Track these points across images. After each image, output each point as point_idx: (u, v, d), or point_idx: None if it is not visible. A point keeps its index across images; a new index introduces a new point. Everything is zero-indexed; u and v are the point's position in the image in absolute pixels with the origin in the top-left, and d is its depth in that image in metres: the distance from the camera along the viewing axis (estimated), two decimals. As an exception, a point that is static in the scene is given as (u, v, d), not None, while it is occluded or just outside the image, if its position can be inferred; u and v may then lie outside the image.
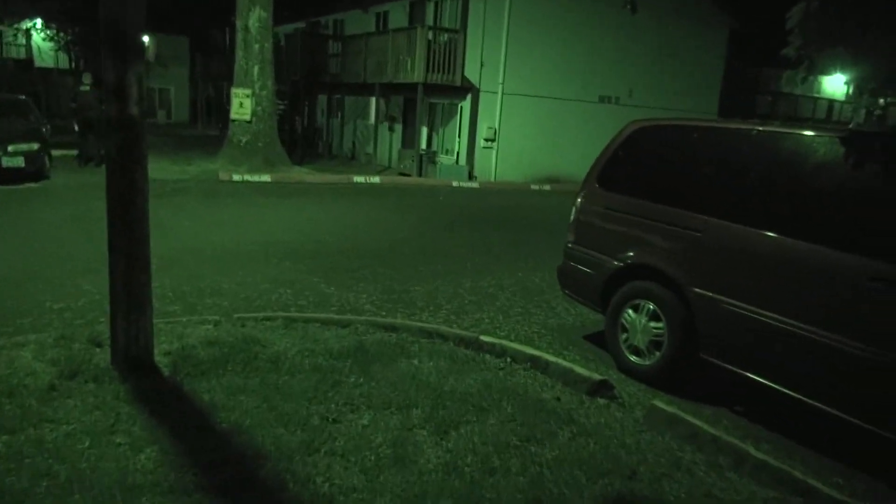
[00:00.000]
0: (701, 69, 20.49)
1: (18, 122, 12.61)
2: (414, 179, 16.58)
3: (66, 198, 10.84)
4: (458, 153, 18.03)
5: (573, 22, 18.19)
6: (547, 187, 17.28)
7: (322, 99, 24.49)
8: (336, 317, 5.49)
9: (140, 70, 3.78)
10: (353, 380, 4.09)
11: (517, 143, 18.11)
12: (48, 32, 35.50)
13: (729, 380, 4.37)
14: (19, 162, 11.40)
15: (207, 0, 33.02)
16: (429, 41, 16.61)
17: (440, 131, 19.09)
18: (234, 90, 14.78)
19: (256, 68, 14.66)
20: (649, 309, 4.66)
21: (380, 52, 18.12)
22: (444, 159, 18.12)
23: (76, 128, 14.99)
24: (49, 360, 4.11)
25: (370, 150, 20.85)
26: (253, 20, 14.38)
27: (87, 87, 14.49)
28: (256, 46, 14.55)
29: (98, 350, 4.40)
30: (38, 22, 34.65)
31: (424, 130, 19.05)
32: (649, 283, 4.69)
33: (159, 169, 14.26)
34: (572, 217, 5.39)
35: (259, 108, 14.81)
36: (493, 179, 17.78)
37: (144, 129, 3.91)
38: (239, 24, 14.59)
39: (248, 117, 14.69)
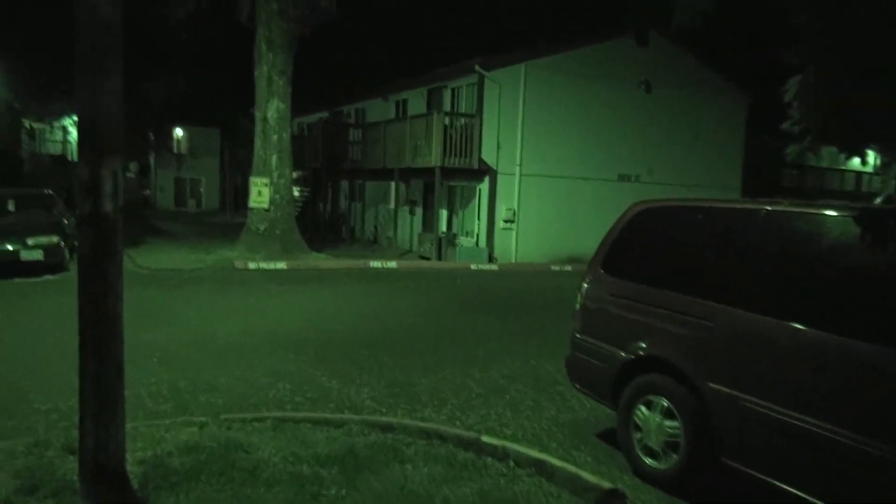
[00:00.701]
0: (721, 144, 20.40)
1: (41, 215, 12.87)
2: (432, 263, 16.45)
3: (75, 291, 10.83)
4: (477, 235, 17.95)
5: (588, 102, 18.40)
6: (567, 268, 16.99)
7: (345, 185, 24.91)
8: (330, 416, 5.17)
9: (115, 166, 3.69)
10: (334, 492, 3.74)
11: (537, 223, 18.00)
12: (87, 129, 37.14)
13: (757, 487, 3.91)
14: (38, 255, 11.53)
15: (237, 93, 34.46)
16: (445, 126, 16.85)
17: (459, 214, 19.11)
18: (252, 179, 15.03)
19: (275, 157, 14.93)
20: (663, 406, 4.27)
21: (399, 137, 18.43)
22: (463, 241, 18.03)
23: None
24: (13, 471, 3.85)
25: (391, 233, 20.91)
26: (271, 111, 14.76)
27: (132, 175, 16.07)
28: (275, 137, 14.88)
29: (71, 458, 4.13)
30: (76, 119, 36.38)
31: (444, 213, 19.09)
32: (661, 378, 4.32)
33: (177, 258, 14.42)
34: (578, 305, 5.09)
35: (277, 196, 14.99)
36: (513, 261, 17.58)
37: (119, 226, 3.78)
38: (258, 115, 14.98)
39: (265, 205, 14.86)
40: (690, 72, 19.49)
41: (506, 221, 17.63)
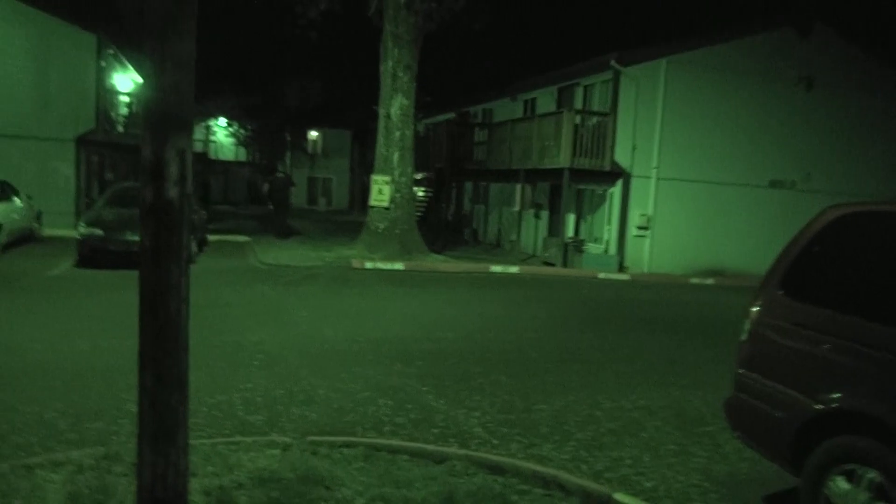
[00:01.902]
0: (894, 148, 17.78)
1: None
2: (556, 270, 15.41)
3: (199, 284, 10.87)
4: (607, 242, 16.69)
5: (737, 100, 16.60)
6: (709, 281, 15.36)
7: (468, 186, 24.36)
8: (431, 447, 4.40)
9: (183, 145, 3.11)
10: (423, 560, 2.96)
11: (674, 231, 16.46)
12: (230, 129, 39.46)
13: None
14: (166, 247, 11.71)
15: (367, 95, 35.10)
16: (576, 125, 15.78)
17: (588, 218, 17.92)
18: (373, 177, 14.73)
19: (396, 155, 14.55)
20: (872, 481, 3.12)
21: (525, 137, 17.55)
22: (591, 248, 16.84)
23: (271, 207, 19.12)
24: (69, 494, 3.39)
25: (514, 237, 20.07)
26: (395, 108, 14.39)
27: (281, 175, 18.13)
28: (397, 133, 14.49)
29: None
30: (222, 120, 38.66)
31: (571, 217, 17.97)
32: (869, 441, 3.17)
33: (297, 255, 14.38)
34: (745, 335, 3.98)
35: (398, 195, 14.60)
36: (645, 270, 16.16)
37: (185, 218, 3.20)
38: (381, 112, 14.67)
39: (386, 204, 14.51)
40: (860, 67, 17.11)
41: (639, 228, 16.25)
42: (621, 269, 15.95)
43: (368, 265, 13.34)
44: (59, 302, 9.01)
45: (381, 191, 14.49)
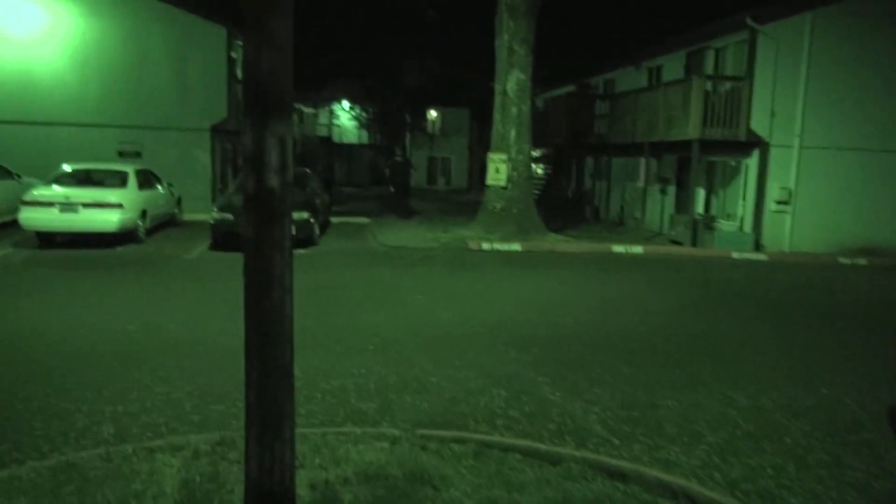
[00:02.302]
0: None
1: (294, 192, 13.62)
2: (685, 249, 14.47)
3: (319, 265, 11.16)
4: (741, 218, 15.47)
5: (895, 56, 14.72)
6: (861, 261, 13.84)
7: (589, 161, 23.51)
8: (545, 447, 4.12)
9: (283, 131, 3.01)
10: (534, 580, 2.71)
11: (819, 205, 14.95)
12: (353, 113, 40.59)
13: None
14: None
15: (486, 71, 34.77)
16: (706, 92, 14.64)
17: (720, 193, 16.69)
18: (489, 155, 14.44)
19: (513, 132, 14.16)
20: None
21: (650, 108, 16.56)
22: (723, 225, 15.68)
23: (391, 189, 20.13)
24: (183, 480, 3.44)
25: (639, 214, 19.12)
26: (511, 83, 13.98)
27: (400, 158, 19.99)
28: (514, 110, 14.09)
29: (248, 468, 3.65)
30: (345, 104, 39.80)
31: (701, 192, 16.82)
32: None
33: (414, 237, 14.44)
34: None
35: (514, 174, 14.23)
36: (786, 249, 14.83)
37: (286, 207, 3.10)
38: (497, 87, 14.31)
39: (503, 183, 14.19)
40: None
41: (778, 203, 14.90)
42: (758, 248, 14.73)
43: (485, 246, 13.13)
44: (193, 284, 9.52)
45: (497, 169, 14.20)
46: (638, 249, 13.70)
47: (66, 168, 13.24)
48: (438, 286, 9.69)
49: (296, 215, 12.15)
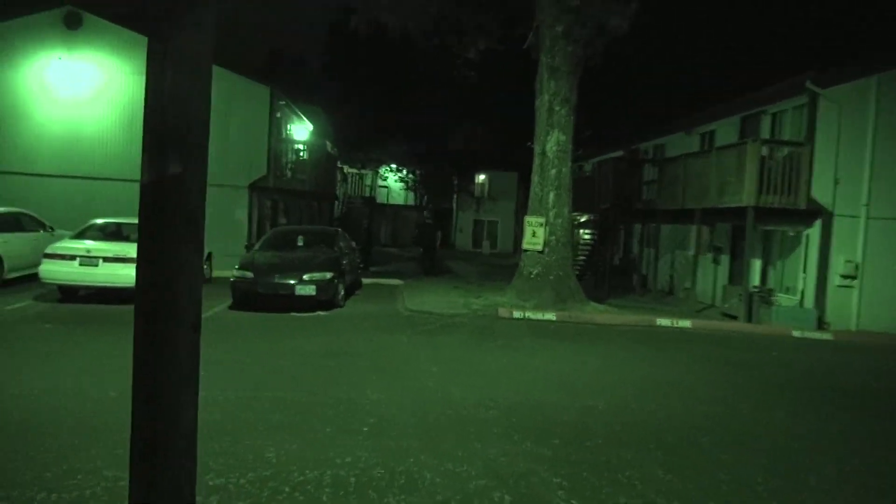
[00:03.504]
0: None
1: (321, 251, 13.14)
2: (738, 325, 13.25)
3: (333, 330, 10.46)
4: (801, 293, 14.18)
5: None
6: (941, 344, 12.37)
7: (637, 228, 22.52)
8: (541, 587, 3.18)
9: (189, 169, 2.32)
10: None
11: (889, 281, 13.60)
12: (399, 175, 40.80)
13: None
14: (311, 290, 11.56)
15: (531, 133, 34.49)
16: (762, 157, 13.68)
17: (777, 265, 15.46)
18: (526, 218, 13.70)
19: (552, 195, 13.43)
20: None
21: (702, 173, 15.64)
22: (782, 300, 14.41)
23: (421, 250, 20.56)
24: None
25: (689, 284, 17.94)
26: (550, 143, 13.34)
27: (429, 221, 21.25)
28: (553, 171, 13.40)
29: None
30: (392, 166, 40.08)
31: (757, 263, 15.63)
32: None
33: (444, 301, 13.66)
34: None
35: (552, 238, 13.41)
36: (852, 328, 13.44)
37: (195, 264, 2.38)
38: (536, 148, 13.69)
39: (539, 247, 13.37)
40: None
41: (844, 277, 13.61)
42: (821, 325, 13.39)
43: (517, 314, 12.23)
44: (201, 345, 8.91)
45: (534, 233, 13.42)
46: (686, 323, 12.55)
47: (94, 222, 13.10)
48: (458, 358, 8.82)
49: (318, 275, 11.64)
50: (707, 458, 5.42)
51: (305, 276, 11.62)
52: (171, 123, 2.30)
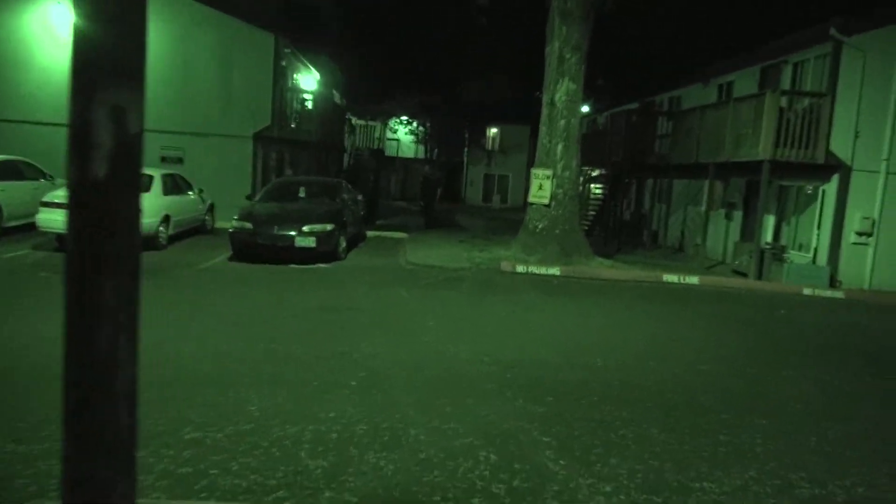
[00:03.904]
0: None
1: (323, 202, 12.89)
2: (748, 282, 12.95)
3: (334, 283, 10.29)
4: (815, 250, 13.81)
5: None
6: (958, 304, 12.03)
7: (649, 183, 22.05)
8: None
9: (124, 102, 2.05)
10: None
11: (908, 239, 13.20)
12: (410, 127, 40.18)
13: None
14: (311, 242, 11.36)
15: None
16: (781, 108, 13.15)
17: (792, 221, 15.05)
18: (533, 171, 13.32)
19: (560, 146, 13.01)
20: None
21: (717, 126, 15.12)
22: (794, 257, 14.06)
23: (421, 203, 20.60)
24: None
25: (699, 241, 17.58)
26: (560, 93, 12.85)
27: (431, 175, 20.84)
28: (562, 122, 12.94)
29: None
30: (404, 118, 39.45)
31: (770, 219, 15.23)
32: None
33: (448, 255, 13.43)
34: None
35: (559, 191, 13.05)
36: (865, 287, 13.12)
37: (133, 210, 2.14)
38: (545, 98, 13.21)
39: (546, 201, 13.03)
40: None
41: (859, 234, 13.22)
42: (833, 284, 13.07)
43: (520, 269, 11.98)
44: (191, 296, 8.79)
45: (541, 186, 13.06)
46: (693, 280, 12.27)
47: (93, 170, 12.88)
48: (456, 313, 8.63)
49: (318, 227, 11.42)
50: (707, 419, 5.22)
51: (305, 228, 11.41)
52: (101, 42, 2.04)
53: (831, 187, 13.48)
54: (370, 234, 16.77)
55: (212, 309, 8.05)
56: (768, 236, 15.00)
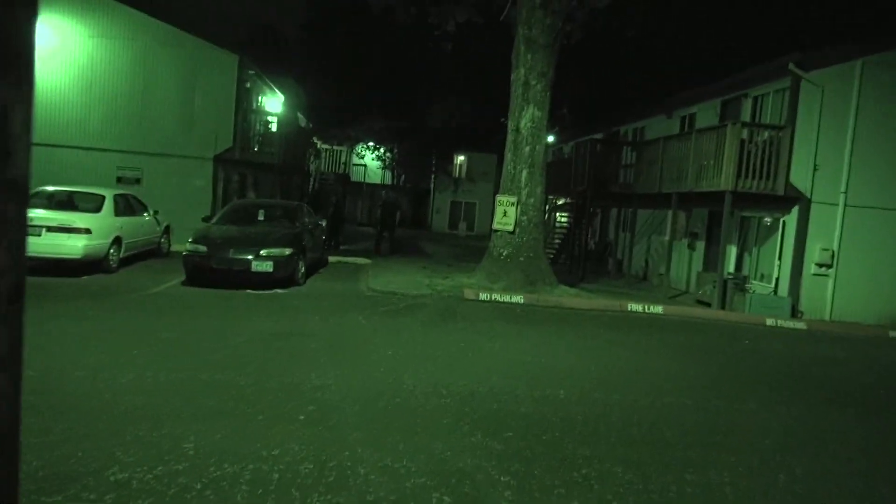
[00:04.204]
0: None
1: (283, 226, 12.55)
2: (712, 312, 12.93)
3: (290, 308, 9.92)
4: (776, 280, 13.90)
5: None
6: (916, 336, 12.15)
7: (613, 212, 22.17)
8: None
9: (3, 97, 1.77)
10: None
11: (865, 270, 13.37)
12: (377, 153, 40.07)
13: None
14: (268, 266, 10.99)
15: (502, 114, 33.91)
16: (742, 140, 13.30)
17: (753, 252, 15.17)
18: (498, 197, 13.19)
19: (525, 173, 12.92)
20: None
21: (680, 156, 15.26)
22: (757, 287, 14.12)
23: (378, 228, 20.35)
24: None
25: (664, 270, 17.63)
26: (525, 120, 12.80)
27: (389, 199, 21.20)
28: (527, 149, 12.87)
29: None
30: (370, 144, 39.30)
31: (732, 250, 15.34)
32: None
33: (410, 282, 13.14)
34: None
35: (524, 218, 12.92)
36: (826, 318, 13.21)
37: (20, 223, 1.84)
38: (510, 124, 13.14)
39: (510, 227, 12.88)
40: None
41: (819, 266, 13.35)
42: (795, 314, 13.12)
43: (483, 296, 11.76)
44: (138, 322, 8.33)
45: (505, 213, 12.93)
46: (658, 309, 12.19)
47: (42, 189, 12.36)
48: (415, 341, 8.32)
49: (276, 251, 11.07)
50: (672, 455, 5.00)
51: (262, 252, 11.04)
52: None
53: (791, 219, 13.62)
54: (333, 259, 16.42)
55: (155, 336, 7.62)
56: (731, 266, 15.08)
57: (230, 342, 7.51)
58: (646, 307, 12.14)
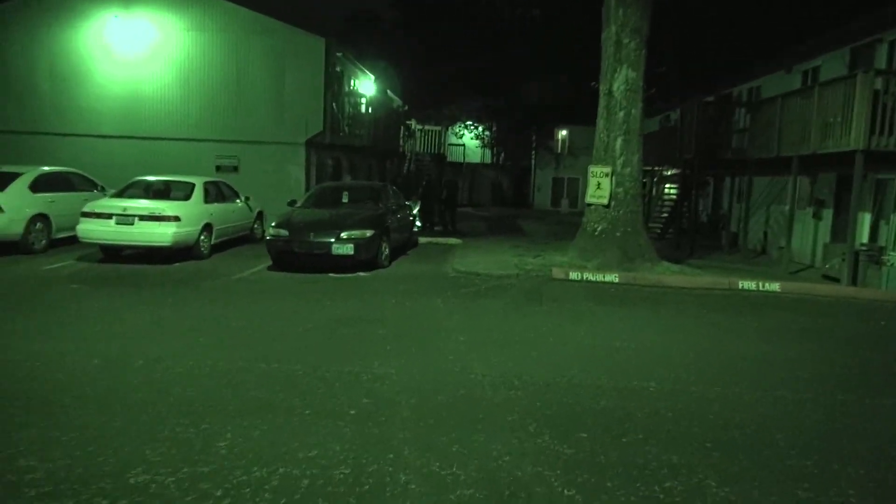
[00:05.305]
0: None
1: (366, 207, 12.25)
2: (839, 289, 11.39)
3: (367, 291, 9.56)
4: (921, 251, 12.05)
5: None
6: None
7: (727, 181, 20.38)
8: None
9: None
10: None
11: None
12: (476, 132, 39.47)
13: None
14: (348, 249, 10.71)
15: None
16: (876, 91, 11.55)
17: (892, 219, 13.28)
18: (591, 168, 12.20)
19: (619, 140, 11.86)
20: None
21: (800, 115, 13.55)
22: (895, 259, 12.33)
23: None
24: None
25: (784, 243, 15.93)
26: (618, 83, 11.71)
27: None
28: (621, 114, 11.79)
29: None
30: (468, 123, 38.75)
31: (866, 218, 13.51)
32: None
33: (498, 261, 12.48)
34: None
35: (620, 190, 11.89)
36: None
37: None
38: (601, 88, 12.09)
39: (605, 201, 11.89)
40: None
41: (976, 233, 11.42)
42: (945, 289, 11.31)
43: (573, 275, 10.90)
44: (213, 310, 8.23)
45: (599, 185, 11.94)
46: (774, 286, 10.84)
47: (137, 179, 12.75)
48: (493, 326, 7.70)
49: (357, 233, 10.79)
50: (782, 465, 4.13)
51: (343, 234, 10.78)
52: None
53: (939, 179, 11.73)
54: (423, 240, 16.05)
55: (226, 323, 7.46)
56: (864, 237, 13.28)
57: (298, 329, 7.22)
58: (760, 284, 10.83)
